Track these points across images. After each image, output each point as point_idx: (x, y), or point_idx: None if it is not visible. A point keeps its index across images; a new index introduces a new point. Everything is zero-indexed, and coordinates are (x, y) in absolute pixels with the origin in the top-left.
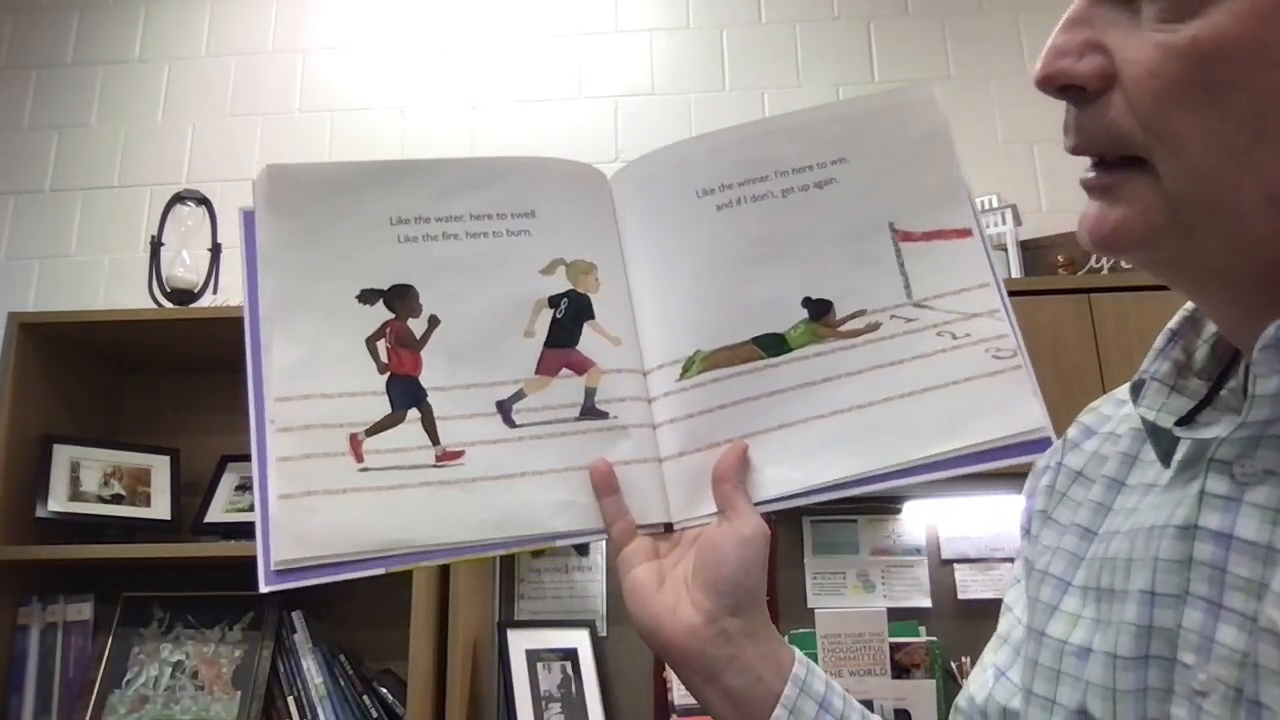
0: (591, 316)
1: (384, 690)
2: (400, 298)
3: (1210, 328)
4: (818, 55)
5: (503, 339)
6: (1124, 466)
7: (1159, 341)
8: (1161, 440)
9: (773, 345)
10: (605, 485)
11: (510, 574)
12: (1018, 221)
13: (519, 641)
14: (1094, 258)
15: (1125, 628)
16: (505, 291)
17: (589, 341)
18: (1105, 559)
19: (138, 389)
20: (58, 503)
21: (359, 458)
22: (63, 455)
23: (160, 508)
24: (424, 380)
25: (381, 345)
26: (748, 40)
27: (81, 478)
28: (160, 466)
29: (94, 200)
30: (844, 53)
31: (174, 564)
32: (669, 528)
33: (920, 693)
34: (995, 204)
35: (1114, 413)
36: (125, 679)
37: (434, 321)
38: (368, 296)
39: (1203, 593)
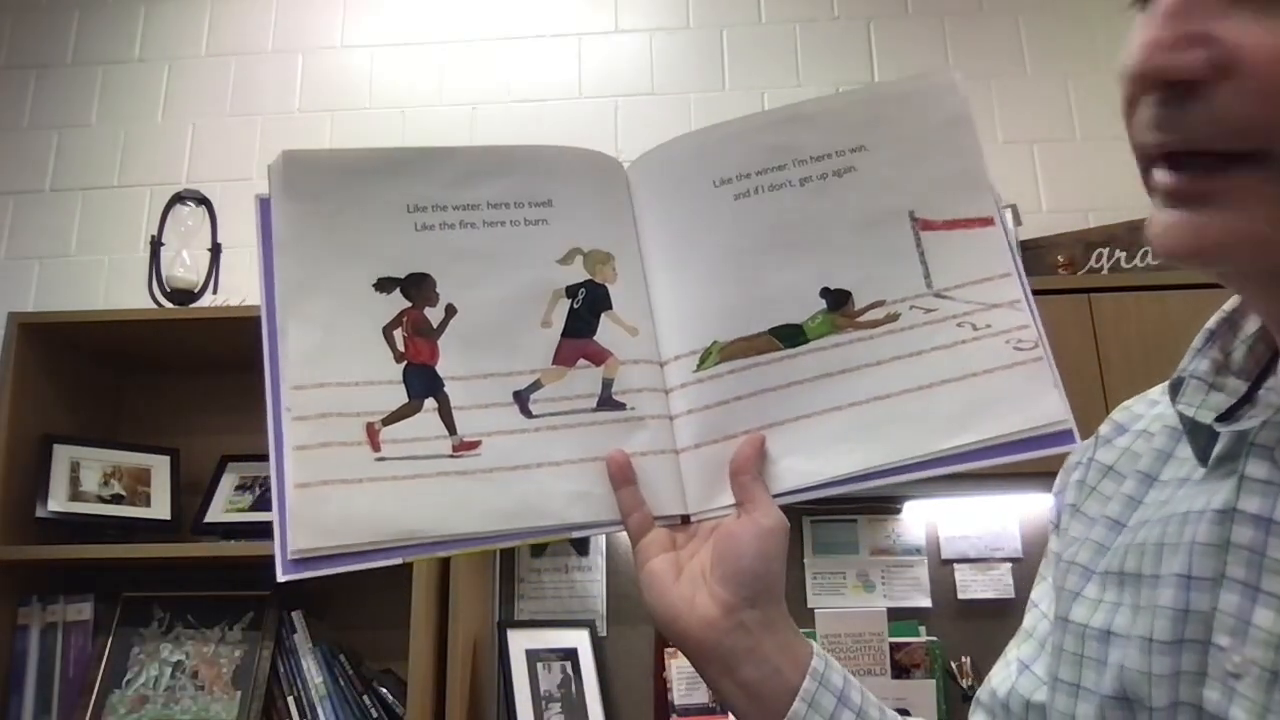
0: (609, 307)
1: (384, 690)
2: (417, 286)
3: (1248, 328)
4: (818, 55)
5: (520, 329)
6: (1157, 463)
7: (1197, 341)
8: (1199, 438)
9: (791, 336)
10: (622, 476)
11: (510, 574)
12: (1018, 221)
13: (519, 641)
14: (1093, 258)
15: (1161, 611)
16: (522, 281)
17: (606, 332)
18: (1133, 544)
19: (138, 389)
20: (58, 503)
21: (376, 447)
22: (63, 455)
23: (160, 508)
24: (441, 369)
25: (398, 334)
26: (748, 40)
27: (81, 478)
28: (160, 466)
29: (94, 200)
30: (844, 53)
31: (174, 564)
32: (686, 519)
33: (920, 693)
34: None
35: (1146, 411)
36: (125, 679)
37: (451, 311)
38: (384, 284)
39: (1240, 576)
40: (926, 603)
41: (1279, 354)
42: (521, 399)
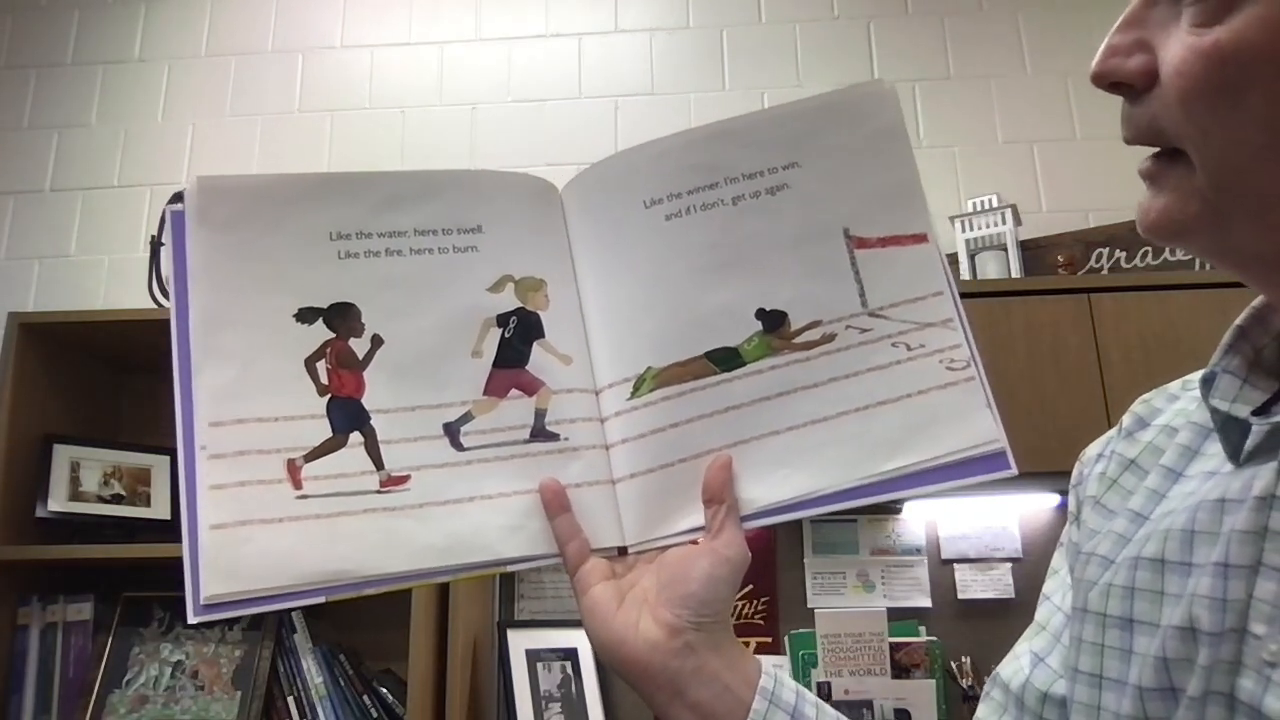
0: (541, 335)
1: (384, 690)
2: (341, 316)
3: (1277, 324)
4: (818, 55)
5: (449, 359)
6: (1183, 459)
7: (1227, 338)
8: (1231, 434)
9: (726, 359)
10: (557, 503)
11: (510, 574)
12: (1018, 221)
13: (519, 641)
14: (1094, 257)
15: (1199, 601)
16: (451, 310)
17: (539, 361)
18: (1157, 531)
19: (138, 389)
20: (58, 503)
21: (297, 484)
22: (63, 455)
23: (160, 508)
24: (367, 402)
25: (321, 366)
26: (748, 40)
27: (81, 478)
28: (160, 466)
29: (94, 200)
30: (844, 53)
31: (174, 564)
32: (623, 551)
33: (920, 693)
34: (995, 204)
35: (1166, 406)
36: (125, 679)
37: (377, 341)
38: (306, 315)
39: (1278, 563)
40: (926, 603)
41: None
42: (452, 431)
